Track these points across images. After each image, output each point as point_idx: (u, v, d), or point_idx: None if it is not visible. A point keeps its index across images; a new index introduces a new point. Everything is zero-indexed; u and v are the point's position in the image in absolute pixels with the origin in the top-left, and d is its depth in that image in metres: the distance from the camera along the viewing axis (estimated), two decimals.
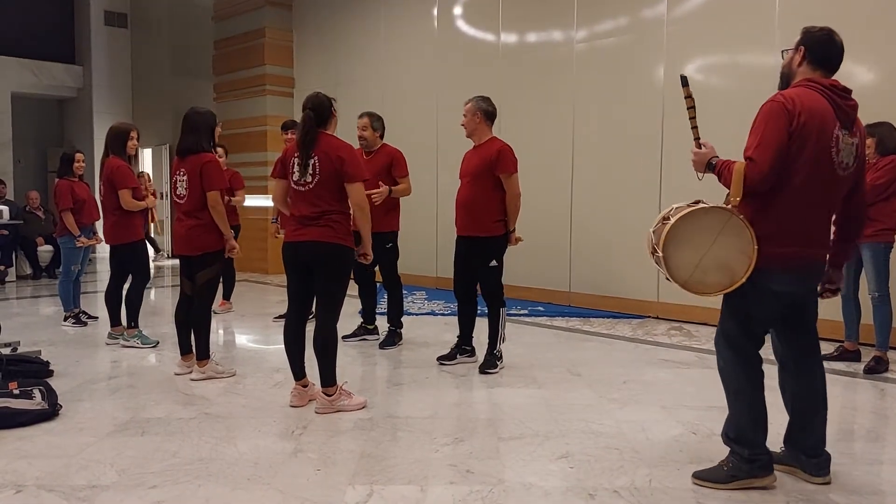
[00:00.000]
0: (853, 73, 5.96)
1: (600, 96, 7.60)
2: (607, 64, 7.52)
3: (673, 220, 2.97)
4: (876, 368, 5.01)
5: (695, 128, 3.14)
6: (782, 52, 3.19)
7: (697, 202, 3.04)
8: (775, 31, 6.30)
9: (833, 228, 3.16)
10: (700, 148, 3.11)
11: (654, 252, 3.09)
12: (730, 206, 2.93)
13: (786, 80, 3.11)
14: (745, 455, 3.05)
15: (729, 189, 2.96)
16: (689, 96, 3.11)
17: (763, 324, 3.11)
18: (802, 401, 3.19)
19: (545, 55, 8.10)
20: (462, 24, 9.05)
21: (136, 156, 5.98)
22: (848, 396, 4.65)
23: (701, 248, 2.96)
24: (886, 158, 5.05)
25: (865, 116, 5.21)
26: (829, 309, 5.82)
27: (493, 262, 5.03)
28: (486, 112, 5.08)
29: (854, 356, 5.31)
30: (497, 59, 8.57)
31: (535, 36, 8.25)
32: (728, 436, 3.14)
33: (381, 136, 5.87)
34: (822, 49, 3.04)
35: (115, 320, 6.00)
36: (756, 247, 2.90)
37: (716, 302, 3.18)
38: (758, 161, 2.85)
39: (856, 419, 4.24)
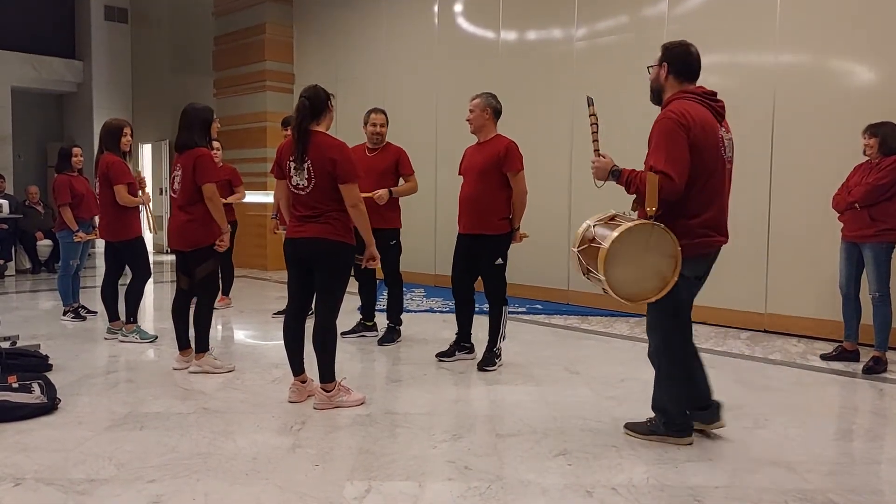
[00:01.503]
0: (855, 72, 5.97)
1: (600, 94, 7.56)
2: (607, 62, 7.52)
3: (607, 245, 3.21)
4: (875, 368, 5.01)
5: (595, 140, 3.50)
6: (648, 67, 3.57)
7: (613, 217, 3.40)
8: (776, 30, 6.29)
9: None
10: (599, 158, 3.45)
11: (587, 272, 3.43)
12: (648, 218, 3.24)
13: (657, 93, 3.54)
14: (663, 421, 3.54)
15: (638, 197, 3.32)
16: (592, 114, 3.56)
17: (688, 307, 3.55)
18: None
19: (545, 53, 8.09)
20: (462, 22, 9.04)
21: (130, 152, 5.96)
22: (847, 396, 4.66)
23: (635, 262, 3.28)
24: (889, 159, 5.04)
25: (868, 116, 5.28)
26: (829, 309, 5.85)
27: (500, 261, 5.02)
28: (494, 109, 5.07)
29: (853, 356, 5.31)
30: (497, 57, 8.57)
31: (535, 34, 8.25)
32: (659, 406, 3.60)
33: (386, 135, 5.88)
34: (681, 63, 3.46)
35: (112, 315, 6.00)
36: (679, 247, 3.27)
37: (714, 300, 3.21)
38: (672, 175, 3.21)
39: (854, 419, 4.24)
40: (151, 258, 6.39)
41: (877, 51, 5.79)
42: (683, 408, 3.56)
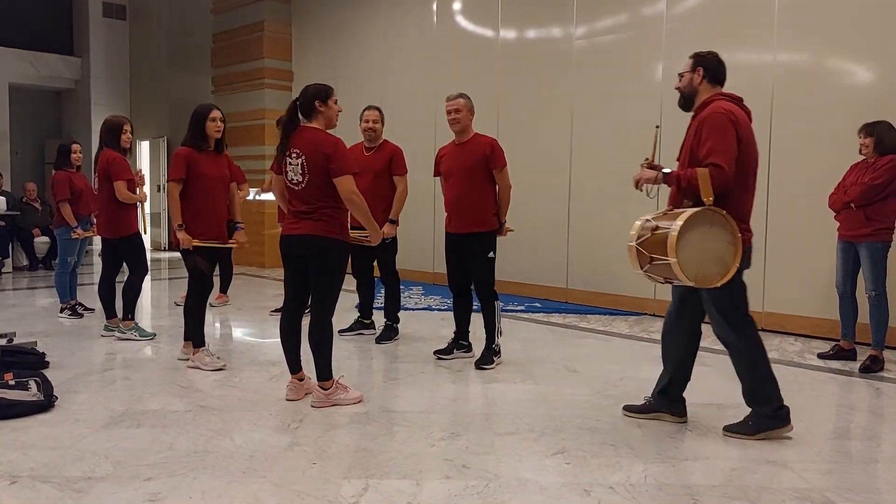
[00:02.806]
0: (852, 72, 5.97)
1: (599, 93, 7.59)
2: (606, 61, 7.51)
3: (676, 228, 3.34)
4: (871, 367, 5.01)
5: (651, 158, 3.74)
6: (679, 74, 3.75)
7: (667, 212, 3.54)
8: (774, 29, 6.29)
9: None
10: (646, 170, 3.67)
11: (649, 262, 3.50)
12: (709, 206, 3.39)
13: (689, 97, 3.72)
14: (769, 411, 3.57)
15: (688, 193, 3.50)
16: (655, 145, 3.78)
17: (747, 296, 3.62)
18: (689, 360, 3.84)
19: (544, 51, 8.08)
20: (461, 20, 9.03)
21: (131, 148, 5.95)
22: (843, 395, 4.66)
23: (700, 246, 3.39)
24: (885, 158, 5.04)
25: (865, 116, 5.28)
26: (826, 307, 5.85)
27: (491, 254, 5.06)
28: (473, 109, 5.15)
29: (850, 355, 5.32)
30: (496, 55, 8.56)
31: (534, 32, 8.24)
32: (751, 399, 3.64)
33: (382, 133, 5.87)
34: (714, 68, 3.68)
35: (109, 312, 5.99)
36: (740, 235, 3.42)
37: None
38: (722, 164, 3.38)
39: (852, 418, 4.24)
40: (149, 255, 6.38)
41: (874, 51, 5.79)
42: (780, 394, 3.63)
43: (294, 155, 4.01)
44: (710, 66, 3.67)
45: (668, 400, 3.87)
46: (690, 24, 6.85)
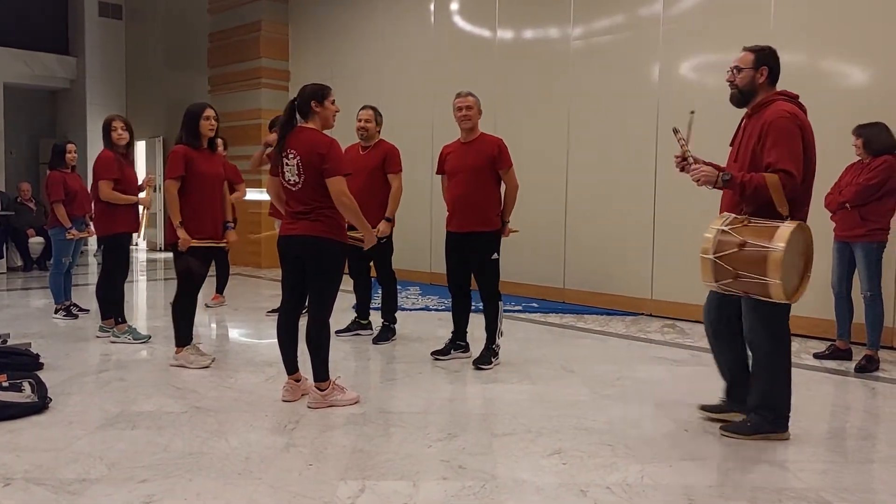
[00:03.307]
0: (848, 73, 5.98)
1: (596, 94, 7.59)
2: (604, 61, 7.51)
3: (781, 250, 3.24)
4: (867, 367, 5.02)
5: (685, 160, 3.60)
6: (735, 68, 3.60)
7: (743, 221, 3.40)
8: (770, 30, 6.29)
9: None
10: (700, 165, 3.51)
11: (737, 277, 3.37)
12: (787, 218, 3.35)
13: (748, 95, 3.59)
14: (770, 417, 3.56)
15: (753, 197, 3.38)
16: (680, 139, 3.60)
17: None
18: (743, 359, 3.77)
19: (541, 52, 8.08)
20: (458, 20, 9.02)
21: (129, 146, 5.93)
22: (839, 395, 4.66)
23: (790, 262, 3.33)
24: (879, 159, 5.05)
25: (860, 117, 5.28)
26: (822, 307, 5.85)
27: (495, 255, 5.05)
28: (481, 108, 5.13)
29: (845, 355, 5.32)
30: (493, 55, 8.55)
31: (531, 32, 8.24)
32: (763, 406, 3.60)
33: (379, 132, 5.86)
34: (777, 70, 3.59)
35: (105, 313, 5.97)
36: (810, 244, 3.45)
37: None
38: (793, 171, 3.31)
39: (847, 418, 4.24)
40: (144, 256, 6.35)
41: (870, 52, 5.80)
42: (790, 405, 3.63)
43: (290, 155, 4.01)
44: (773, 67, 3.57)
45: (737, 401, 3.79)
46: (687, 25, 6.86)
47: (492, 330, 5.10)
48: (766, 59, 3.56)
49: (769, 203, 3.37)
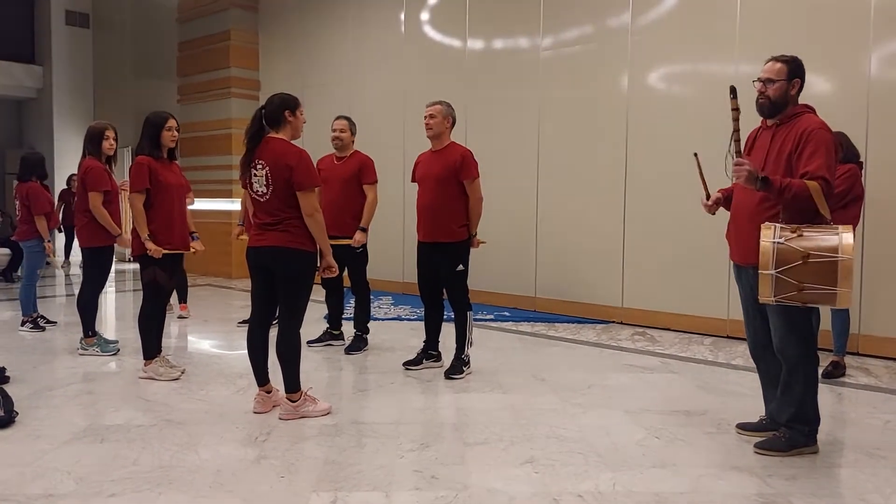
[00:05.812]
0: (810, 83, 6.04)
1: (566, 103, 7.66)
2: (573, 71, 7.59)
3: (847, 259, 3.26)
4: (833, 373, 5.11)
5: (737, 141, 3.48)
6: (768, 79, 3.61)
7: (796, 230, 3.37)
8: (736, 41, 6.41)
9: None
10: (743, 159, 3.44)
11: (801, 289, 3.30)
12: (829, 222, 3.44)
13: (780, 106, 3.60)
14: (805, 430, 3.55)
15: (792, 202, 3.40)
16: (735, 108, 3.48)
17: None
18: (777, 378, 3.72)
19: (511, 61, 8.14)
20: (429, 30, 9.06)
21: (115, 157, 5.87)
22: None
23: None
24: (843, 167, 5.14)
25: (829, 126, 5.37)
26: None
27: (461, 267, 5.05)
28: (453, 118, 5.17)
29: None
30: (464, 65, 8.60)
31: (501, 42, 8.30)
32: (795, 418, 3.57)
33: (353, 142, 5.86)
34: (804, 82, 3.62)
35: (87, 331, 5.83)
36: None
37: (679, 307, 3.24)
38: (831, 180, 3.43)
39: None
40: (114, 266, 6.27)
41: (830, 64, 5.93)
42: (819, 415, 3.63)
43: (259, 166, 3.99)
44: (804, 79, 3.62)
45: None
46: (654, 35, 6.95)
47: (461, 340, 5.11)
48: (797, 71, 3.60)
49: (805, 209, 3.43)
